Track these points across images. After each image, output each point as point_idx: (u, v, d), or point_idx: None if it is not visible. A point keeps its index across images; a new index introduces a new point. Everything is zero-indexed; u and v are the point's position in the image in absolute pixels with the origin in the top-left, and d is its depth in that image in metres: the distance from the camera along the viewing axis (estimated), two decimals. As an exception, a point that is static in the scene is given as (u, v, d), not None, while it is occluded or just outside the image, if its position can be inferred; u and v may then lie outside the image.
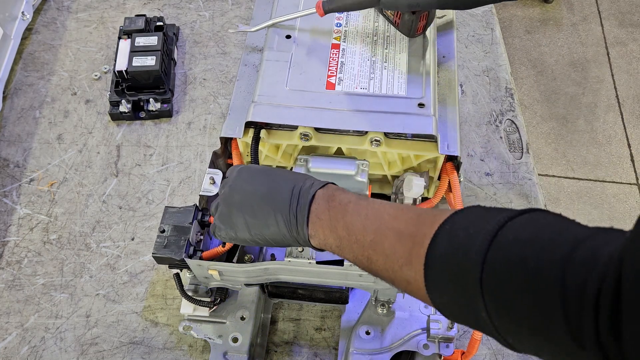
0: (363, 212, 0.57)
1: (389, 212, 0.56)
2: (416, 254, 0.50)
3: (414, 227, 0.52)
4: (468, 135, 1.06)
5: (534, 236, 0.43)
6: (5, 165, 1.02)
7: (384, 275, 0.55)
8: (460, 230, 0.48)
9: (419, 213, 0.54)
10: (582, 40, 2.55)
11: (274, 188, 0.61)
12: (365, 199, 0.59)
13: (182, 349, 0.84)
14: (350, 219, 0.57)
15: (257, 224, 0.61)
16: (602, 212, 2.08)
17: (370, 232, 0.55)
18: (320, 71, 0.80)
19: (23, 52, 1.16)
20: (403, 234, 0.52)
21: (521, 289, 0.42)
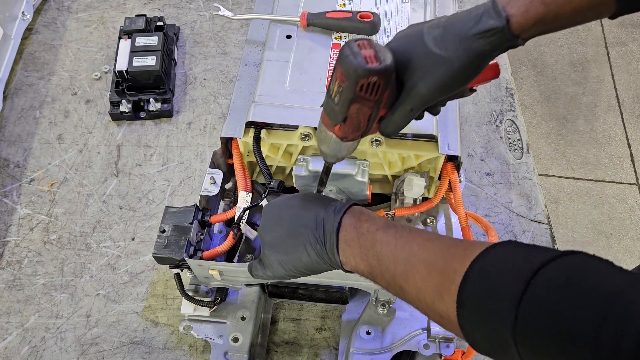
0: (392, 242, 0.57)
1: (418, 241, 0.56)
2: (447, 290, 0.50)
3: (444, 260, 0.52)
4: (468, 135, 1.06)
5: (570, 288, 0.42)
6: (6, 165, 1.02)
7: (417, 306, 0.55)
8: (493, 270, 0.47)
9: (449, 245, 0.54)
10: (582, 40, 2.55)
11: (298, 222, 0.62)
12: (393, 225, 0.59)
13: (182, 349, 0.84)
14: (380, 248, 0.57)
15: (290, 260, 0.62)
16: (602, 212, 2.08)
17: (401, 262, 0.55)
18: (321, 71, 0.80)
19: (23, 52, 1.16)
20: (433, 267, 0.52)
21: (555, 342, 0.41)
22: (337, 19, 0.83)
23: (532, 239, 0.95)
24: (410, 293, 0.55)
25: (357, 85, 0.54)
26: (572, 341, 0.40)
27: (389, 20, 0.85)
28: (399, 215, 0.78)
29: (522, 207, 0.98)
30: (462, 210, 0.77)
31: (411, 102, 0.59)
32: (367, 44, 0.55)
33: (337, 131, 0.60)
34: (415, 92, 0.58)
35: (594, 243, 2.01)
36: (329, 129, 0.61)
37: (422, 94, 0.58)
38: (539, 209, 0.98)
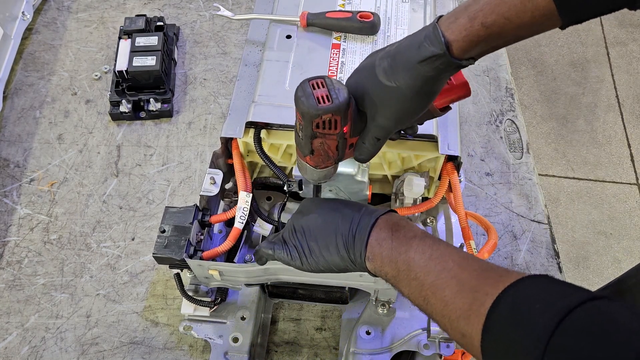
0: (427, 252, 0.57)
1: (454, 258, 0.56)
2: (476, 311, 0.49)
3: (477, 281, 0.52)
4: (468, 135, 1.06)
5: (602, 335, 0.42)
6: (6, 165, 1.02)
7: (439, 320, 0.55)
8: (525, 302, 0.47)
9: (485, 268, 0.54)
10: (582, 40, 2.55)
11: (337, 214, 0.63)
12: (430, 237, 0.60)
13: (182, 349, 0.84)
14: (413, 255, 0.57)
15: (318, 247, 0.63)
16: (602, 212, 2.08)
17: (433, 274, 0.55)
18: (321, 71, 0.80)
19: (23, 52, 1.16)
20: (465, 286, 0.52)
21: None
22: (337, 19, 0.83)
23: (532, 239, 0.95)
24: (435, 306, 0.55)
25: (313, 124, 0.58)
26: None
27: (389, 20, 0.85)
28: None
29: (522, 207, 0.98)
30: (462, 210, 0.77)
31: (375, 133, 0.62)
32: (321, 83, 0.58)
33: (309, 161, 0.63)
34: (377, 124, 0.61)
35: (594, 243, 2.01)
36: (302, 159, 0.64)
37: (383, 125, 0.61)
38: (539, 209, 0.99)
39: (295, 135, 0.63)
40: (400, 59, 0.58)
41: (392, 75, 0.58)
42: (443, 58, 0.56)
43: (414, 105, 0.60)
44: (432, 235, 0.60)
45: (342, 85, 0.58)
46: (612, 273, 1.91)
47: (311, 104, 0.56)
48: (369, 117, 0.61)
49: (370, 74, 0.60)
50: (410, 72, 0.57)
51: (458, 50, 0.56)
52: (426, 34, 0.57)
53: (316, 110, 0.56)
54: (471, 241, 0.75)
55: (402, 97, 0.58)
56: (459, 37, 0.55)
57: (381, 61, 0.59)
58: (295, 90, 0.58)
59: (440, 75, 0.58)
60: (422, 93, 0.58)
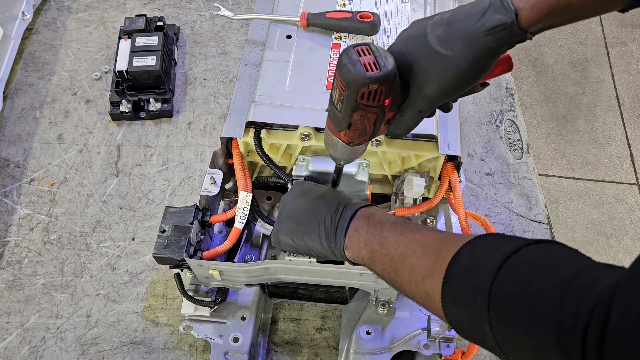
0: (398, 229, 0.60)
1: (422, 231, 0.59)
2: (438, 268, 0.53)
3: (441, 244, 0.55)
4: (468, 135, 1.06)
5: (542, 262, 0.47)
6: (6, 165, 1.02)
7: (406, 288, 0.58)
8: (480, 250, 0.51)
9: (448, 234, 0.59)
10: (582, 40, 2.55)
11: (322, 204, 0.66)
12: (403, 220, 0.63)
13: (182, 349, 0.84)
14: (386, 234, 0.61)
15: (301, 231, 0.65)
16: (602, 212, 2.08)
17: (402, 246, 0.58)
18: (321, 71, 0.80)
19: (23, 52, 1.16)
20: (430, 249, 0.56)
21: (523, 307, 0.45)
22: (337, 19, 0.83)
23: (532, 239, 0.95)
24: (403, 275, 0.58)
25: (358, 94, 0.54)
26: (539, 305, 0.43)
27: (389, 20, 0.85)
28: (399, 215, 0.78)
29: (522, 207, 0.98)
30: (462, 210, 0.77)
31: (419, 105, 0.58)
32: (366, 50, 0.54)
33: (342, 137, 0.59)
34: (423, 94, 0.57)
35: (594, 243, 2.00)
36: (335, 134, 0.60)
37: (430, 96, 0.57)
38: (539, 209, 0.98)
39: (330, 108, 0.59)
40: (459, 26, 0.54)
41: (447, 43, 0.54)
42: (509, 28, 0.52)
43: (468, 77, 0.56)
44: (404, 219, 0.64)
45: (388, 54, 0.55)
46: (612, 273, 1.90)
47: (359, 71, 0.52)
48: (414, 87, 0.57)
49: (421, 41, 0.56)
50: (469, 41, 0.53)
51: (525, 20, 0.52)
52: (491, 1, 0.53)
53: (364, 78, 0.52)
54: (471, 241, 0.75)
55: (457, 67, 0.54)
56: (527, 6, 0.51)
57: (434, 28, 0.56)
58: (338, 57, 0.54)
59: (500, 48, 0.54)
60: (477, 65, 0.55)
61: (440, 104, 0.59)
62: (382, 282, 0.72)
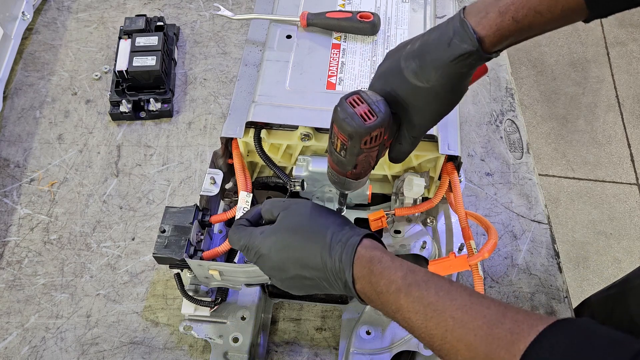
0: (421, 311, 0.52)
1: (452, 314, 0.50)
2: None
3: (487, 346, 0.47)
4: (468, 135, 1.06)
5: None
6: (6, 165, 1.02)
7: None
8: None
9: (489, 322, 0.48)
10: (582, 40, 2.55)
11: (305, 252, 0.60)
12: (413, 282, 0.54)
13: (182, 349, 0.84)
14: (407, 315, 0.53)
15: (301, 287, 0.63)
16: (602, 212, 2.08)
17: (437, 338, 0.51)
18: (321, 71, 0.80)
19: (23, 52, 1.16)
20: (476, 353, 0.48)
21: None
22: (337, 19, 0.83)
23: (532, 239, 0.95)
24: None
25: (361, 142, 0.57)
26: None
27: (389, 20, 0.86)
28: (399, 215, 0.78)
29: (522, 207, 0.98)
30: (462, 210, 0.77)
31: (412, 132, 0.63)
32: (359, 99, 0.57)
33: (349, 175, 0.63)
34: (412, 124, 0.62)
35: (594, 243, 2.01)
36: (341, 174, 0.63)
37: (420, 124, 0.62)
38: (539, 209, 0.99)
39: (331, 153, 0.62)
40: (430, 58, 0.58)
41: (423, 76, 0.58)
42: (475, 55, 0.56)
43: (448, 102, 0.61)
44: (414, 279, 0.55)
45: (378, 96, 0.58)
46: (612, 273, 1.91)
47: (359, 123, 0.56)
48: (405, 120, 0.61)
49: (398, 76, 0.60)
50: (442, 71, 0.57)
51: (489, 44, 0.56)
52: (454, 29, 0.56)
53: (366, 129, 0.56)
54: (471, 241, 0.75)
55: (437, 97, 0.59)
56: (489, 33, 0.55)
57: (407, 62, 0.59)
58: (333, 112, 0.58)
59: (471, 71, 0.59)
60: (454, 90, 0.59)
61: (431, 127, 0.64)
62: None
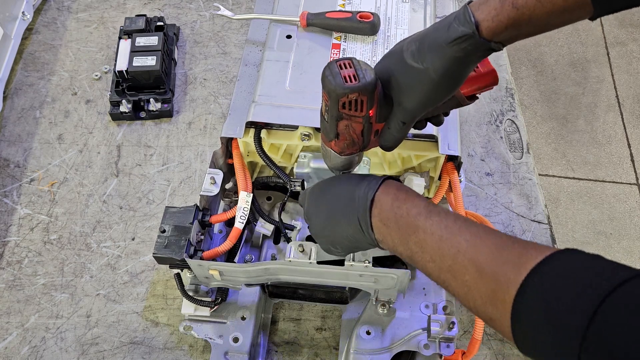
0: (437, 232, 0.55)
1: (466, 237, 0.54)
2: (501, 299, 0.48)
3: (496, 265, 0.50)
4: (468, 135, 1.06)
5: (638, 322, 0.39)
6: (6, 165, 1.02)
7: (463, 303, 0.54)
8: (554, 288, 0.44)
9: (499, 245, 0.51)
10: (582, 40, 2.55)
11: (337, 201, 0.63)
12: (435, 211, 0.57)
13: (182, 349, 0.84)
14: (423, 236, 0.56)
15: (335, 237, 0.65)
16: (602, 212, 2.08)
17: (448, 257, 0.54)
18: (321, 71, 0.79)
19: (23, 52, 1.16)
20: (485, 271, 0.50)
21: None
22: (337, 19, 0.83)
23: (532, 239, 0.95)
24: (457, 290, 0.54)
25: (339, 104, 0.57)
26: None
27: (389, 21, 0.86)
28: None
29: (522, 207, 0.98)
30: (462, 210, 0.77)
31: (401, 117, 0.61)
32: (348, 64, 0.58)
33: (334, 146, 0.63)
34: (403, 107, 0.60)
35: (594, 243, 2.00)
36: (327, 144, 0.64)
37: (409, 108, 0.60)
38: (539, 209, 0.99)
39: (320, 119, 0.62)
40: (428, 40, 0.57)
41: (419, 57, 0.57)
42: (472, 39, 0.55)
43: (441, 88, 0.58)
44: (435, 208, 0.58)
45: (369, 67, 0.58)
46: (612, 273, 1.90)
47: (338, 82, 0.56)
48: (395, 100, 0.60)
49: (398, 57, 0.59)
50: (437, 53, 0.56)
51: (487, 31, 0.55)
52: (456, 15, 0.56)
53: (343, 88, 0.56)
54: (471, 241, 0.75)
55: (429, 79, 0.57)
56: (488, 17, 0.54)
57: (409, 45, 0.59)
58: (323, 70, 0.58)
59: (468, 58, 0.57)
60: (449, 75, 0.57)
61: (421, 115, 0.61)
62: (383, 282, 0.73)
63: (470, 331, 0.85)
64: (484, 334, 0.78)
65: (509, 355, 0.84)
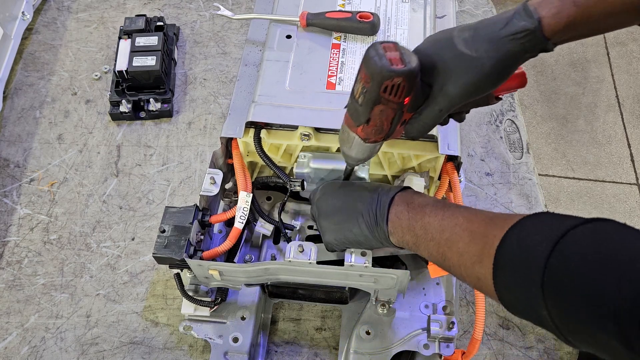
0: (440, 213, 0.62)
1: (464, 214, 0.60)
2: (487, 253, 0.53)
3: (486, 228, 0.56)
4: (468, 135, 1.06)
5: (594, 250, 0.46)
6: (6, 165, 1.02)
7: (456, 272, 0.60)
8: (528, 235, 0.51)
9: (492, 216, 0.58)
10: (582, 40, 2.55)
11: (355, 196, 0.68)
12: (441, 202, 0.65)
13: (182, 349, 0.84)
14: (427, 219, 0.62)
15: (341, 230, 0.68)
16: (602, 212, 2.08)
17: (447, 230, 0.60)
18: (321, 71, 0.80)
19: (23, 52, 1.16)
20: (476, 234, 0.56)
21: (579, 295, 0.45)
22: (337, 19, 0.83)
23: (532, 239, 0.95)
24: (452, 259, 0.59)
25: (381, 87, 0.55)
26: (595, 301, 0.43)
27: (388, 21, 0.85)
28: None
29: (522, 207, 0.98)
30: (462, 210, 0.77)
31: (440, 103, 0.60)
32: (393, 47, 0.56)
33: (360, 132, 0.61)
34: (444, 92, 0.59)
35: (594, 243, 2.00)
36: (352, 129, 0.62)
37: (452, 94, 0.59)
38: (539, 209, 0.98)
39: (350, 102, 0.60)
40: (485, 31, 0.57)
41: (473, 45, 0.57)
42: (532, 35, 0.55)
43: (489, 79, 0.58)
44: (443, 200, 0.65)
45: (413, 54, 0.57)
46: (612, 273, 1.90)
47: (385, 64, 0.54)
48: (437, 86, 0.59)
49: (448, 43, 0.58)
50: (495, 45, 0.56)
51: (547, 28, 0.55)
52: (515, 10, 0.56)
53: (389, 71, 0.54)
54: (471, 241, 0.75)
55: (480, 68, 0.57)
56: (549, 14, 0.55)
57: (461, 32, 0.59)
58: (367, 50, 0.56)
59: (523, 54, 0.57)
60: (500, 68, 0.57)
61: (459, 105, 0.60)
62: (382, 282, 0.73)
63: (470, 331, 0.85)
64: (484, 334, 0.78)
65: (509, 355, 0.84)
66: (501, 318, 0.87)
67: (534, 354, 0.84)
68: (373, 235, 0.66)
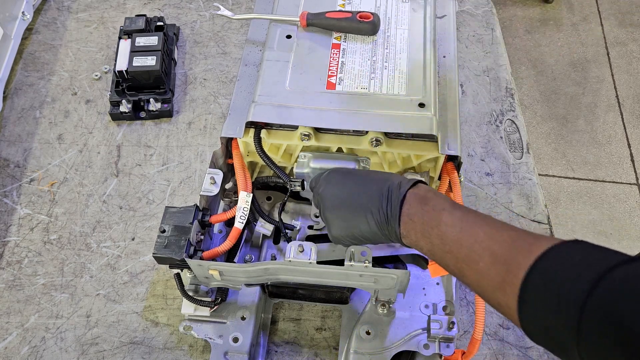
0: (458, 225, 0.58)
1: (484, 229, 0.56)
2: (510, 282, 0.50)
3: (509, 252, 0.52)
4: (468, 135, 1.06)
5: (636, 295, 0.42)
6: (6, 165, 1.02)
7: (474, 289, 0.57)
8: (558, 269, 0.47)
9: (514, 237, 0.54)
10: (582, 40, 2.55)
11: (363, 189, 0.65)
12: (459, 208, 0.60)
13: (182, 349, 0.84)
14: (444, 229, 0.58)
15: (348, 227, 0.65)
16: (602, 212, 2.08)
17: (465, 247, 0.56)
18: (321, 71, 0.80)
19: (23, 52, 1.16)
20: (497, 258, 0.53)
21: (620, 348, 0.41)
22: (337, 19, 0.83)
23: (532, 239, 0.95)
24: (470, 278, 0.56)
25: None
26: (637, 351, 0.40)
27: (388, 21, 0.86)
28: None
29: (522, 207, 0.98)
30: (462, 210, 0.77)
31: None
32: None
33: None
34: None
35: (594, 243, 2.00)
36: None
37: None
38: (539, 209, 0.98)
39: None
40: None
41: None
42: None
43: None
44: (460, 206, 0.61)
45: None
46: (612, 273, 1.90)
47: None
48: None
49: None
50: None
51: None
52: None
53: None
54: (471, 241, 0.75)
55: None
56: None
57: None
58: None
59: None
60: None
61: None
62: (382, 282, 0.73)
63: (470, 331, 0.85)
64: (484, 334, 0.78)
65: (509, 355, 0.84)
66: (501, 318, 0.87)
67: (534, 354, 0.84)
68: (383, 234, 0.64)
